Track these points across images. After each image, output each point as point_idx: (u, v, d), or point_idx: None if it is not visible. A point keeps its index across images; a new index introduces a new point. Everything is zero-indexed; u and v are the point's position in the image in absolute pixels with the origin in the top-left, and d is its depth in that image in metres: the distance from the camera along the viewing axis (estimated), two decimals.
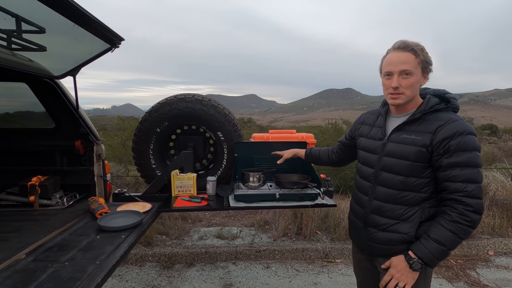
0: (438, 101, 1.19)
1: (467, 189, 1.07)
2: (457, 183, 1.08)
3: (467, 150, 1.08)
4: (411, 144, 1.16)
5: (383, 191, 1.24)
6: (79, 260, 1.23)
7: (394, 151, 1.21)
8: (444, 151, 1.10)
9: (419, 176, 1.16)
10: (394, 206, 1.21)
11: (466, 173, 1.08)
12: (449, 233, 1.08)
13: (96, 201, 1.83)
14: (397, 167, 1.19)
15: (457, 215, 1.08)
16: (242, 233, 3.48)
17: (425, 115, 1.18)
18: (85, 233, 1.51)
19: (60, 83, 1.95)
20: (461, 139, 1.08)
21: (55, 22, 1.55)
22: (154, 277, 2.69)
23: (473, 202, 1.07)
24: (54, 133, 2.04)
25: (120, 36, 1.84)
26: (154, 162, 2.19)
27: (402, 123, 1.21)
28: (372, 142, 1.32)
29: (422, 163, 1.15)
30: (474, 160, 1.08)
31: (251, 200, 1.85)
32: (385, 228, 1.23)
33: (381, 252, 1.26)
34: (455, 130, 1.09)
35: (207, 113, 2.12)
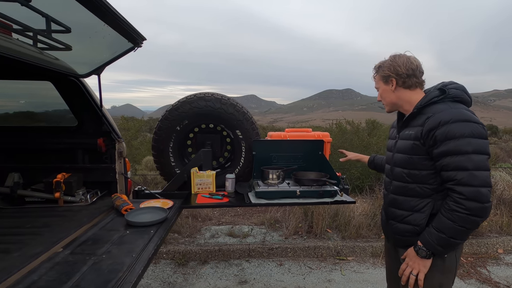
0: (437, 93, 1.24)
1: (457, 177, 1.10)
2: (448, 172, 1.13)
3: (454, 138, 1.11)
4: (410, 138, 1.26)
5: (396, 185, 1.34)
6: (115, 253, 1.26)
7: (399, 147, 1.32)
8: (433, 142, 1.15)
9: (422, 168, 1.23)
10: (406, 198, 1.29)
11: (456, 161, 1.10)
12: (447, 221, 1.13)
13: (119, 197, 1.86)
14: (401, 162, 1.30)
15: (453, 204, 1.12)
16: (253, 231, 3.52)
17: (422, 109, 1.24)
18: (115, 228, 1.54)
19: (84, 82, 1.98)
20: (446, 128, 1.12)
21: (86, 22, 1.58)
22: (169, 274, 2.72)
23: (464, 190, 1.09)
24: (77, 131, 2.07)
25: (143, 36, 1.88)
26: (173, 160, 2.22)
27: (405, 120, 1.32)
28: (390, 141, 1.46)
29: (420, 155, 1.22)
30: (462, 147, 1.10)
31: (272, 197, 1.88)
32: (402, 220, 1.32)
33: (401, 243, 1.36)
34: (438, 120, 1.14)
35: (226, 112, 2.15)
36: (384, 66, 1.33)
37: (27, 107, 2.24)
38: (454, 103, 1.22)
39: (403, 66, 1.28)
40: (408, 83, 1.30)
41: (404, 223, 1.31)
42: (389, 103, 1.37)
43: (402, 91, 1.32)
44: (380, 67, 1.35)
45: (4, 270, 1.10)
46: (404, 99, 1.32)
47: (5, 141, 2.05)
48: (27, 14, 1.44)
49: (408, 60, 1.29)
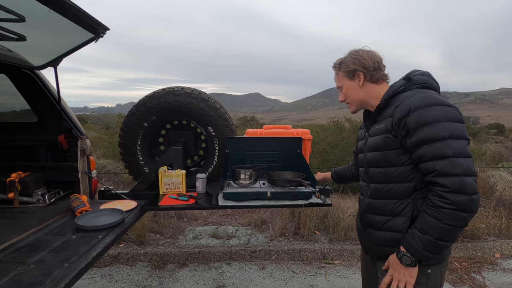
0: (402, 83, 1.15)
1: (437, 167, 0.96)
2: (427, 163, 1.00)
3: (428, 123, 0.98)
4: (380, 133, 1.14)
5: (373, 188, 1.20)
6: (48, 262, 1.14)
7: (371, 144, 1.19)
8: (405, 132, 1.03)
9: (397, 164, 1.09)
10: (384, 201, 1.15)
11: (433, 149, 0.97)
12: (432, 219, 0.97)
13: (78, 198, 1.74)
14: (375, 160, 1.17)
15: (436, 199, 0.97)
16: (238, 232, 3.38)
17: (390, 100, 1.14)
18: (62, 233, 1.41)
19: (41, 75, 1.86)
20: (417, 114, 1.00)
21: (30, 8, 1.46)
22: (145, 277, 2.61)
23: (447, 181, 0.94)
24: (37, 128, 1.96)
25: (105, 26, 1.75)
26: (142, 159, 2.10)
27: (373, 114, 1.21)
28: (360, 143, 1.34)
29: (394, 149, 1.09)
30: (437, 132, 0.97)
31: (240, 199, 1.74)
32: (380, 227, 1.16)
33: (382, 254, 1.16)
34: (408, 107, 1.03)
35: (197, 107, 2.01)
36: (347, 61, 1.22)
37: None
38: (421, 89, 1.11)
39: (369, 58, 1.18)
40: (376, 77, 1.19)
41: (384, 230, 1.15)
42: (356, 101, 1.25)
43: (369, 86, 1.20)
44: (342, 63, 1.24)
45: None
46: (372, 94, 1.21)
47: None
48: None
49: (372, 53, 1.21)
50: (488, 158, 7.00)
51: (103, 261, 2.77)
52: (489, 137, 19.82)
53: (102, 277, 2.59)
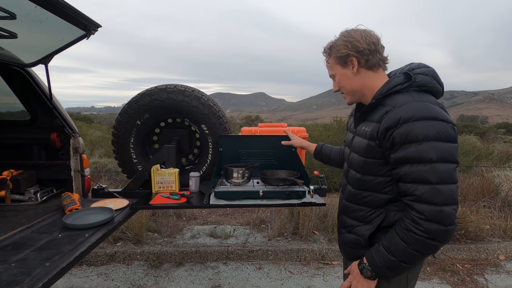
0: (402, 80, 1.00)
1: (416, 192, 0.88)
2: (407, 185, 0.91)
3: (416, 141, 0.87)
4: (364, 137, 1.04)
5: (349, 190, 1.15)
6: (29, 260, 1.12)
7: (355, 145, 1.10)
8: (390, 145, 0.93)
9: (376, 174, 1.01)
10: (358, 207, 1.10)
11: (416, 171, 0.87)
12: (400, 241, 0.91)
13: (69, 196, 1.73)
14: (355, 164, 1.10)
15: (409, 222, 0.89)
16: (236, 232, 3.36)
17: (382, 99, 1.00)
18: (48, 231, 1.40)
19: (32, 72, 1.85)
20: (407, 127, 0.88)
21: (18, 5, 1.44)
22: (140, 276, 2.60)
23: (425, 209, 0.86)
24: (30, 126, 1.95)
25: (96, 23, 1.73)
26: (135, 157, 2.08)
27: (362, 112, 1.08)
28: (349, 135, 1.21)
29: (375, 159, 1.00)
30: (425, 153, 0.86)
31: (232, 198, 1.71)
32: (350, 230, 1.14)
33: (350, 255, 1.17)
34: (398, 117, 0.90)
35: (190, 105, 1.99)
36: (338, 45, 1.05)
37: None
38: (419, 94, 0.97)
39: (363, 40, 1.01)
40: (372, 62, 1.03)
41: (352, 233, 1.12)
42: (351, 90, 1.09)
43: (365, 74, 1.05)
44: (332, 48, 1.08)
45: None
46: (368, 84, 1.06)
47: None
48: None
49: (366, 33, 1.03)
50: (495, 158, 6.84)
51: (99, 260, 2.77)
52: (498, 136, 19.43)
53: (98, 276, 2.58)
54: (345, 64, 1.06)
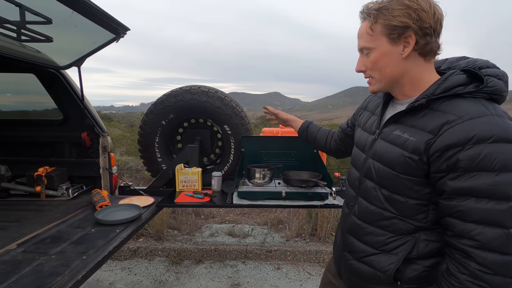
0: (464, 79, 0.75)
1: (481, 237, 0.67)
2: (466, 224, 0.69)
3: (492, 170, 0.65)
4: (401, 146, 0.79)
5: (364, 207, 0.89)
6: (67, 253, 1.18)
7: (380, 152, 0.85)
8: (448, 167, 0.70)
9: (411, 196, 0.78)
10: (376, 230, 0.86)
11: (485, 209, 0.66)
12: None
13: (99, 193, 1.81)
14: (381, 177, 0.84)
15: (467, 279, 0.68)
16: (254, 231, 3.38)
17: (435, 102, 0.76)
18: (82, 226, 1.47)
19: (65, 74, 1.95)
20: (482, 149, 0.65)
21: (59, 10, 1.53)
22: (162, 272, 2.67)
23: (492, 260, 0.66)
24: (62, 125, 2.05)
25: (125, 26, 1.80)
26: (159, 156, 2.14)
27: (399, 112, 0.82)
28: (365, 136, 0.96)
29: (414, 177, 0.77)
30: (503, 187, 0.65)
31: (255, 198, 1.73)
32: (362, 257, 0.90)
33: (354, 285, 0.96)
34: (471, 134, 0.66)
35: (213, 105, 2.02)
36: (394, 9, 0.75)
37: (16, 100, 2.26)
38: (493, 105, 0.72)
39: (431, 14, 0.74)
40: (430, 47, 0.77)
41: (364, 263, 0.88)
42: (389, 77, 0.82)
43: (415, 60, 0.79)
44: (384, 10, 0.77)
45: None
46: (413, 75, 0.80)
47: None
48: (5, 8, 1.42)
49: (436, 5, 0.76)
50: None
51: (123, 254, 2.87)
52: None
53: (122, 270, 2.68)
54: (397, 39, 0.77)
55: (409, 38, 0.76)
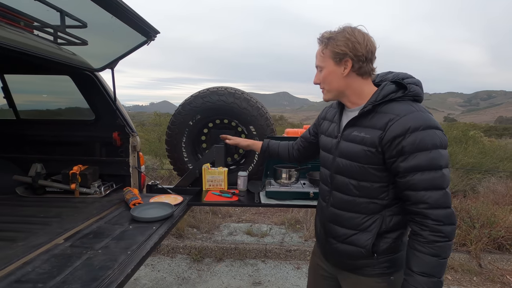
0: (394, 88, 1.00)
1: (430, 199, 0.89)
2: (418, 192, 0.91)
3: (427, 149, 0.89)
4: (360, 143, 1.01)
5: (339, 197, 1.09)
6: (112, 248, 1.24)
7: (346, 151, 1.06)
8: (397, 153, 0.93)
9: (374, 180, 1.00)
10: (352, 215, 1.06)
11: (428, 178, 0.90)
12: (432, 258, 0.90)
13: (130, 191, 1.87)
14: (349, 170, 1.04)
15: (429, 234, 0.90)
16: (272, 231, 3.41)
17: (378, 106, 1.00)
18: (119, 222, 1.53)
19: (99, 76, 2.02)
20: (416, 136, 0.90)
21: (94, 15, 1.59)
22: (184, 269, 2.73)
23: (440, 214, 0.89)
24: (94, 125, 2.12)
25: (156, 29, 1.85)
26: (186, 156, 2.19)
27: (354, 118, 1.05)
28: (329, 140, 1.17)
29: (375, 165, 0.99)
30: (436, 161, 0.90)
31: (283, 198, 1.76)
32: (344, 240, 1.09)
33: (346, 266, 1.13)
34: (407, 126, 0.91)
35: (239, 107, 2.06)
36: (338, 40, 0.99)
37: (51, 101, 2.35)
38: (416, 104, 0.99)
39: (364, 45, 0.98)
40: (364, 70, 1.02)
41: (347, 244, 1.08)
42: (335, 89, 1.07)
43: (354, 79, 1.04)
44: (331, 39, 1.01)
45: (5, 259, 1.12)
46: (354, 88, 1.05)
47: (30, 133, 2.16)
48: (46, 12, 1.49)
49: (369, 38, 1.00)
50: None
51: None
52: None
53: (145, 266, 2.75)
54: (339, 62, 1.02)
55: (347, 62, 1.01)
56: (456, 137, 8.18)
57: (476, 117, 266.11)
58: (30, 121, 2.21)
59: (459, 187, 4.58)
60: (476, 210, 3.07)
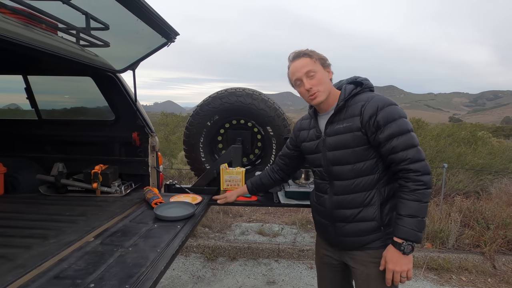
0: (353, 86, 1.25)
1: (409, 155, 1.11)
2: (399, 153, 1.12)
3: (394, 120, 1.13)
4: (346, 131, 1.20)
5: (339, 185, 1.25)
6: (141, 246, 1.26)
7: (334, 143, 1.24)
8: (376, 128, 1.14)
9: (365, 159, 1.19)
10: (354, 196, 1.22)
11: (403, 141, 1.12)
12: (415, 203, 1.10)
13: (151, 191, 1.90)
14: (343, 158, 1.22)
15: (412, 184, 1.11)
16: (283, 231, 3.43)
17: (347, 101, 1.23)
18: (144, 221, 1.56)
19: (120, 77, 2.05)
20: (384, 111, 1.13)
21: (120, 17, 1.62)
22: (198, 267, 2.75)
23: (418, 166, 1.11)
24: (113, 125, 2.16)
25: (176, 31, 1.88)
26: (203, 156, 2.22)
27: (331, 116, 1.25)
28: (312, 143, 1.34)
29: (363, 145, 1.18)
30: (404, 126, 1.13)
31: (302, 198, 1.78)
32: (352, 219, 1.23)
33: (352, 244, 1.26)
34: (375, 106, 1.15)
35: (257, 107, 2.09)
36: (315, 53, 1.25)
37: (72, 102, 2.39)
38: (372, 92, 1.24)
39: None
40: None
41: (357, 221, 1.22)
42: (328, 90, 1.25)
43: (330, 83, 1.28)
44: (311, 52, 1.24)
45: (40, 256, 1.16)
46: (332, 90, 1.27)
47: (52, 133, 2.21)
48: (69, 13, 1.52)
49: None
50: None
51: None
52: None
53: None
54: (326, 67, 1.25)
55: (330, 68, 1.27)
56: (465, 138, 8.12)
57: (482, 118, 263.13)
58: (51, 121, 2.26)
59: (470, 188, 4.55)
60: (491, 211, 3.05)
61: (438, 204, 3.66)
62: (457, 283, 2.61)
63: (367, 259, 1.24)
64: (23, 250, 1.20)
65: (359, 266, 1.26)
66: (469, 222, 3.15)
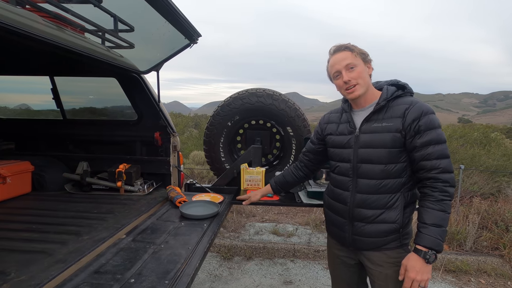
0: (395, 89, 1.25)
1: (442, 165, 1.12)
2: (432, 161, 1.13)
3: (434, 128, 1.14)
4: (385, 131, 1.20)
5: (365, 183, 1.24)
6: (172, 244, 1.29)
7: (369, 141, 1.23)
8: (415, 132, 1.15)
9: (397, 161, 1.20)
10: (379, 196, 1.22)
11: (438, 150, 1.13)
12: (440, 213, 1.11)
13: (174, 189, 1.93)
14: (376, 157, 1.21)
15: (439, 194, 1.12)
16: (298, 231, 3.44)
17: (389, 102, 1.23)
18: (170, 219, 1.59)
19: (145, 78, 2.09)
20: (428, 118, 1.15)
21: (148, 20, 1.65)
22: (215, 266, 2.78)
23: (448, 177, 1.12)
24: (136, 125, 2.20)
25: (199, 32, 1.91)
26: (223, 155, 2.25)
27: (370, 113, 1.24)
28: (342, 137, 1.32)
29: (399, 148, 1.19)
30: (442, 136, 1.15)
31: None
32: (373, 220, 1.23)
33: (369, 245, 1.26)
34: (420, 111, 1.16)
35: (277, 108, 2.11)
36: (357, 47, 1.24)
37: (95, 102, 2.44)
38: (414, 97, 1.25)
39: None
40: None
41: (377, 223, 1.22)
42: (367, 84, 1.24)
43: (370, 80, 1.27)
44: (352, 46, 1.24)
45: (78, 251, 1.19)
46: (371, 87, 1.27)
47: (77, 133, 2.26)
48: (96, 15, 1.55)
49: None
50: None
51: None
52: None
53: None
54: (366, 61, 1.24)
55: (370, 63, 1.26)
56: (477, 139, 7.99)
57: (492, 118, 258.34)
58: (76, 121, 2.31)
59: (485, 189, 4.49)
60: (510, 213, 3.01)
61: (454, 206, 3.62)
62: (476, 285, 2.58)
63: (385, 260, 1.25)
64: (60, 245, 1.24)
65: (377, 267, 1.26)
66: (487, 224, 3.11)
